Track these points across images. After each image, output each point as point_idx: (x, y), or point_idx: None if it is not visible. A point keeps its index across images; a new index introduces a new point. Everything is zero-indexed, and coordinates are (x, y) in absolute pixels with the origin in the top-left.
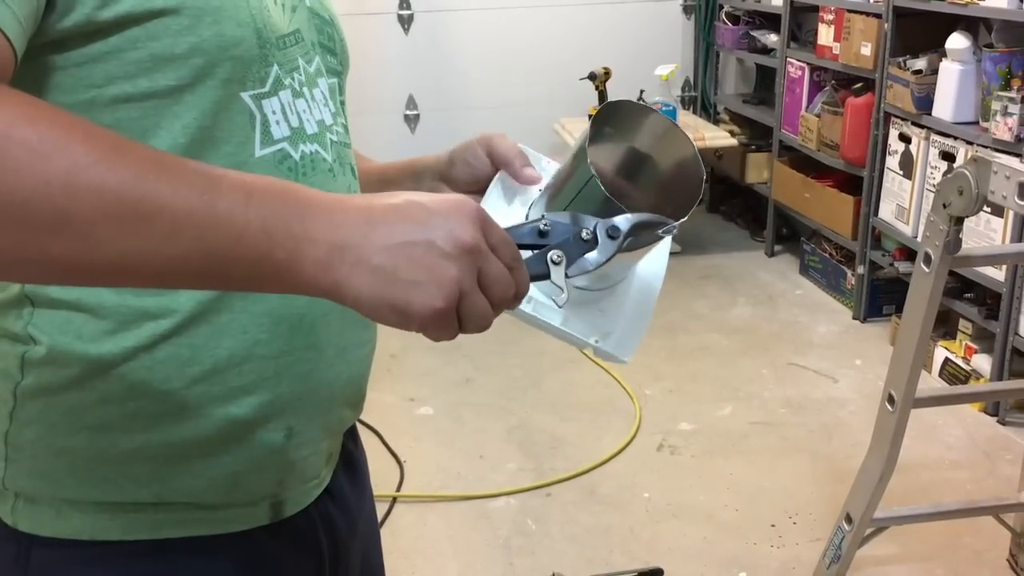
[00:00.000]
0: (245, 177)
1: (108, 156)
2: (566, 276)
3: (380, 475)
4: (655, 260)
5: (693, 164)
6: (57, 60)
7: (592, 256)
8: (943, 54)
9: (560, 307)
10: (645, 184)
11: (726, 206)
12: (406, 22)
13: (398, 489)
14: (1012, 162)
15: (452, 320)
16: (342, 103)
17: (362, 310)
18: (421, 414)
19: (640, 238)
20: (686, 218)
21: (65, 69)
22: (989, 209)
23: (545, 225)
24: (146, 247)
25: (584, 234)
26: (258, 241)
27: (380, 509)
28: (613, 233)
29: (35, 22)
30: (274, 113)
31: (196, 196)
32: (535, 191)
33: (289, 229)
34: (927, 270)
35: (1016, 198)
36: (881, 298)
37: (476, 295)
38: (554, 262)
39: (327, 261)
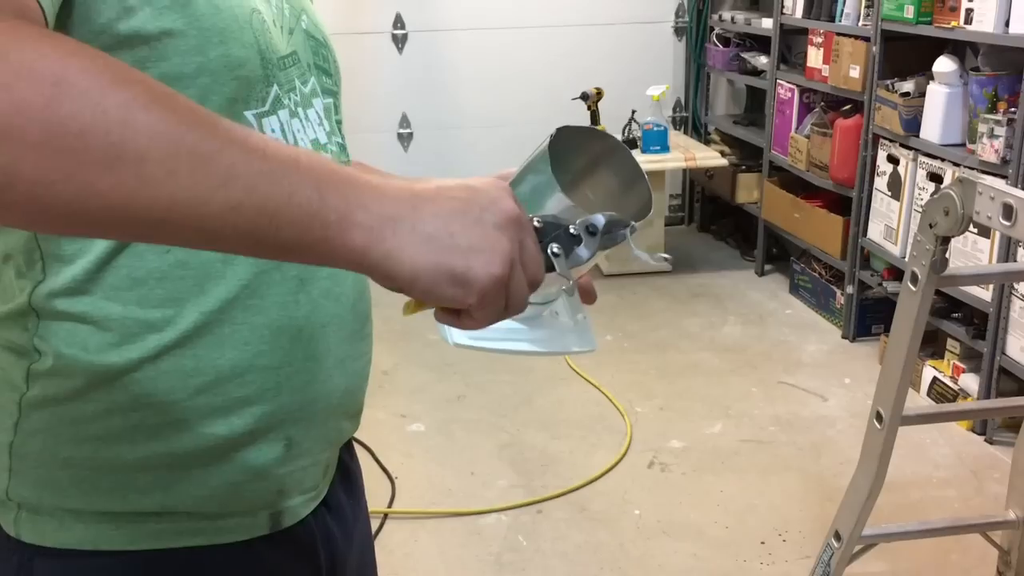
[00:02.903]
0: (290, 147)
1: (165, 97)
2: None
3: (371, 491)
4: (568, 338)
5: (643, 187)
6: None
7: (581, 250)
8: (930, 77)
9: (571, 296)
10: (588, 191)
11: (717, 226)
12: (400, 42)
13: (389, 505)
14: (998, 183)
15: (503, 293)
16: (338, 122)
17: (419, 283)
18: (413, 431)
19: (611, 237)
20: (647, 218)
21: None
22: (976, 230)
23: (538, 222)
24: (197, 192)
25: (572, 229)
26: (310, 199)
27: (371, 525)
28: (592, 230)
29: (59, 3)
30: (273, 132)
31: (249, 150)
32: None
33: (341, 192)
34: (914, 289)
35: (1000, 218)
36: (870, 317)
37: (519, 269)
38: (555, 254)
39: (379, 230)
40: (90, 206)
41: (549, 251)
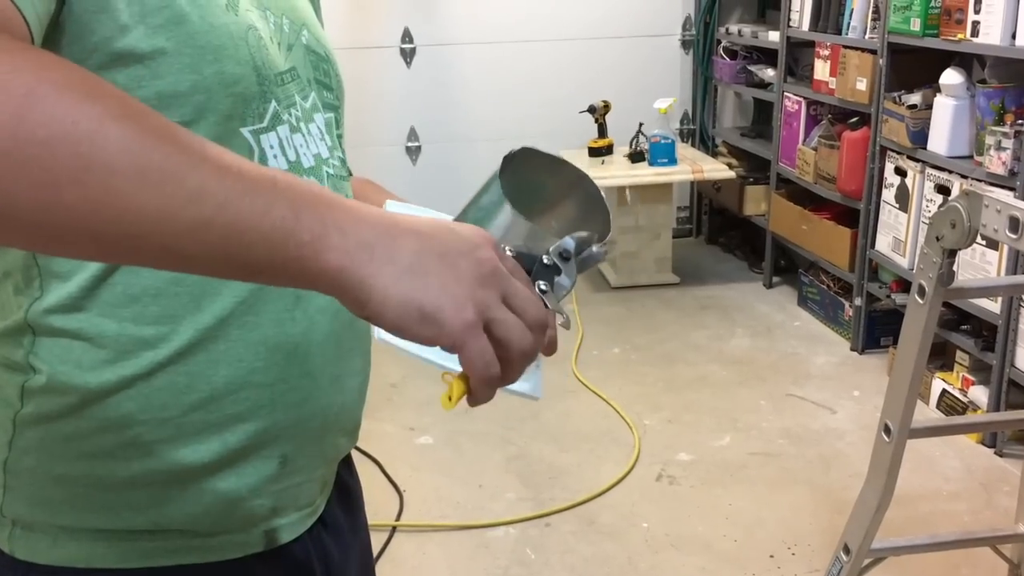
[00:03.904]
0: (267, 168)
1: (138, 113)
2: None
3: (379, 504)
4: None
5: (603, 212)
6: None
7: (562, 279)
8: (937, 89)
9: (567, 329)
10: (552, 220)
11: (724, 238)
12: (408, 56)
13: (397, 518)
14: (1006, 196)
15: (486, 341)
16: (339, 137)
17: (387, 313)
18: (421, 443)
19: (586, 259)
20: (611, 237)
21: None
22: (984, 242)
23: (510, 250)
24: (167, 206)
25: (546, 259)
26: (285, 218)
27: (379, 538)
28: (566, 255)
29: (47, 18)
30: (271, 148)
31: (223, 168)
32: None
33: (317, 213)
34: (921, 302)
35: (1007, 231)
36: (879, 330)
37: (508, 316)
38: (543, 291)
39: (355, 254)
40: (55, 218)
41: (536, 289)
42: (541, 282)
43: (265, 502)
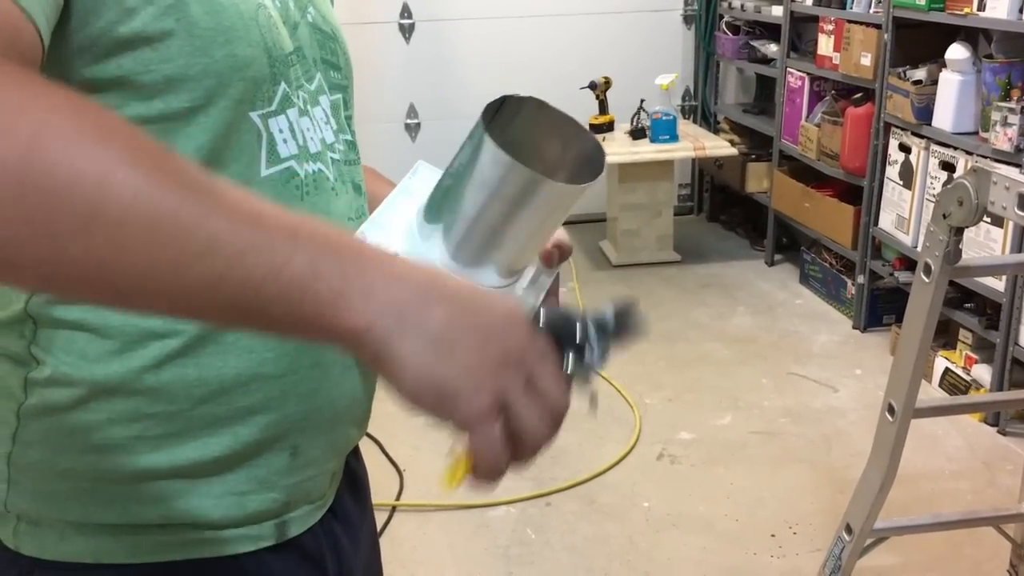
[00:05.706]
0: (291, 216)
1: (151, 156)
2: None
3: (379, 484)
4: None
5: (589, 141)
6: (73, 82)
7: (593, 358)
8: (943, 64)
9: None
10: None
11: (726, 215)
12: (407, 31)
13: (397, 498)
14: (1012, 172)
15: (496, 432)
16: (347, 119)
17: (404, 384)
18: (421, 423)
19: (628, 330)
20: (596, 182)
21: (81, 92)
22: (989, 220)
23: (542, 323)
24: (176, 262)
25: (578, 336)
26: (303, 274)
27: (379, 518)
28: (603, 325)
29: (56, 16)
30: (281, 132)
31: (238, 218)
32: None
33: (340, 268)
34: (927, 280)
35: (1016, 208)
36: (881, 308)
37: (526, 407)
38: (569, 373)
39: (379, 319)
40: (59, 270)
41: (566, 361)
42: (571, 354)
43: (277, 496)
